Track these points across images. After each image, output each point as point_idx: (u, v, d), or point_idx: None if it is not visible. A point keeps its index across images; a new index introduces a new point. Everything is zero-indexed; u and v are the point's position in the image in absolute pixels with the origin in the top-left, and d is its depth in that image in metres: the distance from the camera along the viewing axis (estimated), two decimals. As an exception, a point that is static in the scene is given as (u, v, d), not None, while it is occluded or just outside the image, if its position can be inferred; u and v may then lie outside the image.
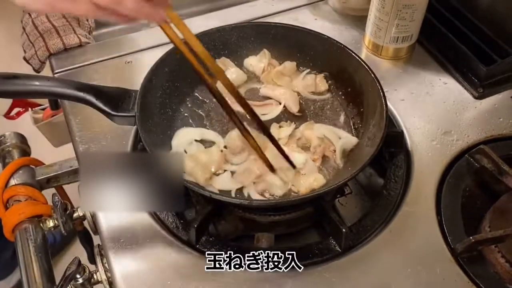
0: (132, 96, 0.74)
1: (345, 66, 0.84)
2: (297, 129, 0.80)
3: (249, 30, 0.88)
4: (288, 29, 0.88)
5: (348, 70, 0.83)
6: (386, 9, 0.90)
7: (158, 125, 0.79)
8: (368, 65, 0.80)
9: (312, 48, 0.87)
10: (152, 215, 0.75)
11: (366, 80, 0.80)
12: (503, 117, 0.88)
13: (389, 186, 0.78)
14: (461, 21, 0.96)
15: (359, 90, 0.82)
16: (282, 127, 0.81)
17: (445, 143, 0.84)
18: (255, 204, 0.73)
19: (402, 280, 0.69)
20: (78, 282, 0.74)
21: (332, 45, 0.85)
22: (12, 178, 0.86)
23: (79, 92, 0.71)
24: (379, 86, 0.77)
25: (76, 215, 0.83)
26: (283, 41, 0.88)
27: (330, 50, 0.85)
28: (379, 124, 0.74)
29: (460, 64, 0.94)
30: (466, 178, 0.80)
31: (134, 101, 0.73)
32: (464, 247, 0.70)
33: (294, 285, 0.68)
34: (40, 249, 0.78)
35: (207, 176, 0.73)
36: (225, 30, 0.87)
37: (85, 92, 0.71)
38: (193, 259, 0.70)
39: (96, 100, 0.71)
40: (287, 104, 0.84)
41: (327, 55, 0.86)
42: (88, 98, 0.71)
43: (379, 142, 0.71)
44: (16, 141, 0.92)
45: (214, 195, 0.68)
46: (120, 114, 0.72)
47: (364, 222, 0.74)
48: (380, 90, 0.76)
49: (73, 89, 0.71)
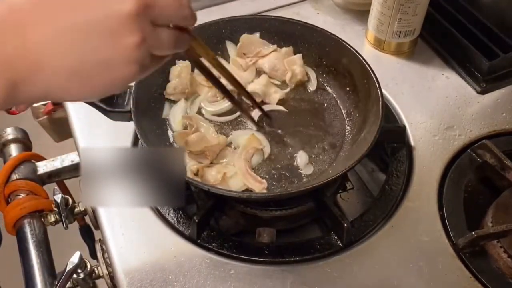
0: (127, 91, 0.73)
1: (339, 58, 0.84)
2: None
3: (242, 23, 0.87)
4: (282, 22, 0.87)
5: (343, 62, 0.83)
6: (388, 3, 0.89)
7: (154, 120, 0.79)
8: (361, 55, 0.80)
9: (306, 41, 0.87)
10: (154, 210, 0.75)
11: (360, 71, 0.80)
12: (506, 112, 0.87)
13: (391, 181, 0.78)
14: (464, 16, 0.96)
15: (354, 82, 0.82)
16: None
17: (447, 138, 0.83)
18: (254, 197, 0.73)
19: (404, 275, 0.69)
20: (79, 277, 0.74)
21: (326, 37, 0.84)
22: (13, 173, 0.86)
23: None
24: (373, 75, 0.77)
25: (78, 210, 0.83)
26: (277, 34, 0.88)
27: (325, 43, 0.85)
28: (376, 115, 0.73)
29: (462, 58, 0.94)
30: (468, 173, 0.79)
31: (129, 96, 0.73)
32: (466, 242, 0.70)
33: (296, 280, 0.68)
34: (41, 244, 0.78)
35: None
36: (218, 24, 0.86)
37: None
38: (195, 254, 0.70)
39: None
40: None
41: (322, 48, 0.85)
42: None
43: (376, 134, 0.70)
44: (18, 136, 0.92)
45: (213, 189, 0.68)
46: (115, 110, 0.72)
47: (366, 217, 0.74)
48: (375, 80, 0.76)
49: None
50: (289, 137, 0.80)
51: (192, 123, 0.78)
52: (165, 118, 0.81)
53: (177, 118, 0.80)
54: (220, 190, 0.68)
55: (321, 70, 0.87)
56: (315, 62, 0.87)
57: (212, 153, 0.75)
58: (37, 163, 0.89)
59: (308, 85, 0.86)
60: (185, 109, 0.81)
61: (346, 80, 0.83)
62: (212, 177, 0.73)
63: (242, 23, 0.87)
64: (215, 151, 0.76)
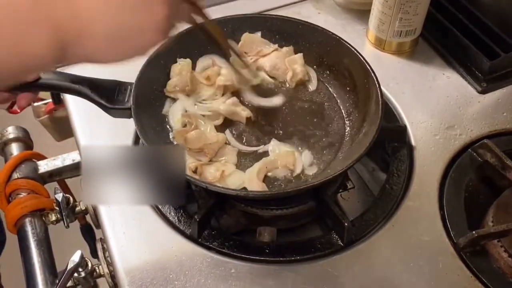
0: (128, 88, 0.73)
1: (340, 58, 0.84)
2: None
3: (244, 22, 0.87)
4: (284, 21, 0.87)
5: (344, 62, 0.83)
6: (389, 3, 0.89)
7: (154, 117, 0.79)
8: (362, 54, 0.80)
9: (307, 40, 0.87)
10: (155, 209, 0.75)
11: (360, 70, 0.80)
12: (506, 112, 0.87)
13: (392, 181, 0.78)
14: (464, 15, 0.96)
15: (355, 82, 0.82)
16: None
17: (448, 137, 0.83)
18: (252, 195, 0.73)
19: (405, 275, 0.69)
20: (80, 275, 0.74)
21: (327, 36, 0.84)
22: (14, 172, 0.86)
23: (74, 84, 0.70)
24: (373, 75, 0.77)
25: (79, 209, 0.83)
26: (278, 33, 0.88)
27: (326, 42, 0.85)
28: (375, 115, 0.73)
29: (463, 58, 0.94)
30: (469, 172, 0.79)
31: (129, 93, 0.73)
32: (467, 241, 0.70)
33: (296, 279, 0.68)
34: (42, 243, 0.78)
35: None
36: (220, 22, 0.86)
37: (80, 85, 0.70)
38: (196, 252, 0.70)
39: (92, 92, 0.70)
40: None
41: (323, 47, 0.86)
42: (83, 90, 0.70)
43: (375, 133, 0.70)
44: (19, 135, 0.93)
45: (211, 186, 0.68)
46: (115, 106, 0.72)
47: (366, 216, 0.74)
48: (375, 79, 0.76)
49: (68, 81, 0.70)
50: (289, 136, 0.80)
51: (191, 120, 0.78)
52: (165, 115, 0.81)
53: (176, 116, 0.80)
54: (218, 188, 0.69)
55: (322, 69, 0.87)
56: (316, 62, 0.87)
57: (211, 151, 0.75)
58: (38, 162, 0.89)
59: (308, 84, 0.86)
60: (184, 107, 0.81)
61: (347, 80, 0.83)
62: (210, 175, 0.73)
63: (243, 22, 0.87)
64: (214, 149, 0.76)
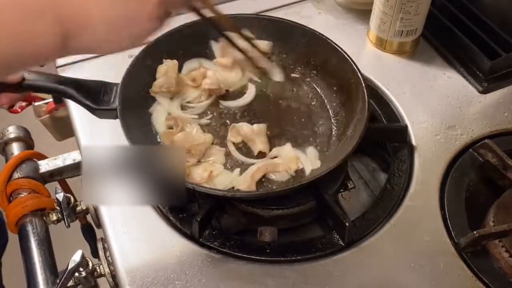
0: (113, 89, 0.73)
1: (327, 57, 0.84)
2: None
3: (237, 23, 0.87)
4: (271, 21, 0.87)
5: (330, 61, 0.84)
6: (390, 3, 0.89)
7: (141, 118, 0.79)
8: (348, 54, 0.80)
9: (296, 40, 0.87)
10: (155, 209, 0.75)
11: (346, 69, 0.80)
12: (507, 112, 0.87)
13: (392, 181, 0.78)
14: (465, 15, 0.96)
15: (341, 81, 0.82)
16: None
17: (449, 137, 0.83)
18: (239, 195, 0.73)
19: (406, 275, 0.69)
20: (81, 275, 0.74)
21: (314, 36, 0.85)
22: (15, 172, 0.86)
23: (59, 85, 0.70)
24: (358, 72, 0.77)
25: (79, 209, 0.84)
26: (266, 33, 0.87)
27: (312, 42, 0.85)
28: (362, 113, 0.74)
29: (464, 58, 0.93)
30: (470, 172, 0.79)
31: (115, 94, 0.73)
32: (468, 241, 0.70)
33: (297, 279, 0.68)
34: (43, 242, 0.78)
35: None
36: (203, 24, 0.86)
37: (65, 86, 0.70)
38: (196, 252, 0.70)
39: (77, 93, 0.70)
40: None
41: (310, 47, 0.86)
42: (68, 91, 0.70)
43: (361, 132, 0.71)
44: (19, 134, 0.92)
45: (198, 187, 0.69)
46: (101, 107, 0.72)
47: (367, 216, 0.74)
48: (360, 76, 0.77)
49: (53, 82, 0.70)
50: (276, 136, 0.80)
51: (177, 122, 0.79)
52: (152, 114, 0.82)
53: (160, 119, 0.81)
54: (204, 189, 0.69)
55: (309, 69, 0.87)
56: (303, 61, 0.88)
57: (198, 152, 0.76)
58: (39, 162, 0.89)
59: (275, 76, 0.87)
60: (167, 110, 0.82)
61: (333, 80, 0.84)
62: (198, 176, 0.73)
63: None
64: (201, 150, 0.76)
